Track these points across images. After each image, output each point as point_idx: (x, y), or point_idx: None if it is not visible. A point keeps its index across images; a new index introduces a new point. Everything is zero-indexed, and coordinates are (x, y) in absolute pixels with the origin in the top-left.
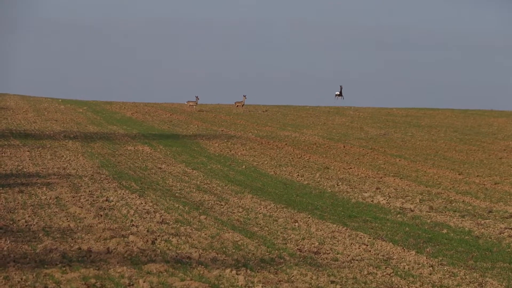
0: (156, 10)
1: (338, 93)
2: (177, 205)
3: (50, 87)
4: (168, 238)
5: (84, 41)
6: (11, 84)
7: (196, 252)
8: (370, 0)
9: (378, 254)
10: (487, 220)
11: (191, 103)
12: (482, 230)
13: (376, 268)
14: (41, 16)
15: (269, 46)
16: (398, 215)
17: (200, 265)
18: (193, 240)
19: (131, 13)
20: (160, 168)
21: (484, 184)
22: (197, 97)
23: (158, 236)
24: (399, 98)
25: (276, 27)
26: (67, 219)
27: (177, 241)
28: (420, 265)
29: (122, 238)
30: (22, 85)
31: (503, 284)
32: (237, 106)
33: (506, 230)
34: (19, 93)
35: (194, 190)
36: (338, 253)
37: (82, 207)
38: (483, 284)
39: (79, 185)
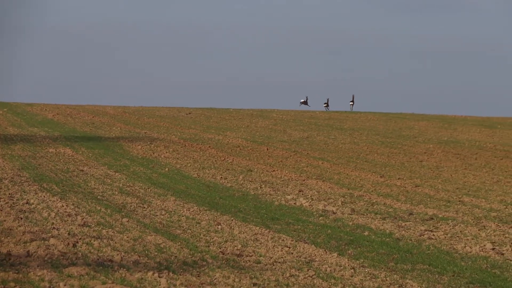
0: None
1: (325, 103)
2: (99, 208)
3: None
4: (90, 241)
5: (11, 42)
6: None
7: (118, 255)
8: (308, 3)
9: (300, 257)
10: (408, 223)
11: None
12: (403, 232)
13: (298, 270)
14: None
15: (195, 50)
16: (321, 218)
17: (122, 268)
18: (115, 243)
19: (70, 16)
20: (82, 170)
21: (405, 187)
22: (307, 97)
23: (80, 239)
24: (321, 101)
25: (207, 33)
26: None
27: (99, 244)
28: (341, 267)
29: (42, 241)
30: None
31: (423, 285)
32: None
33: (426, 232)
34: None
35: (117, 192)
36: (260, 256)
37: (1, 210)
38: (403, 286)
39: None
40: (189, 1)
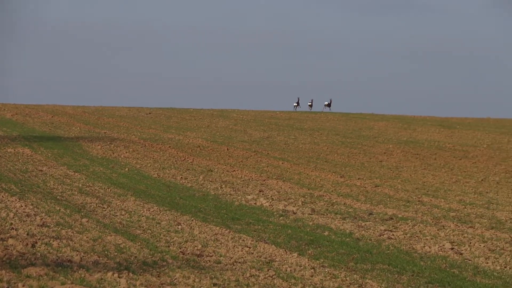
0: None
1: (327, 103)
2: (58, 208)
3: None
4: (49, 241)
5: None
6: None
7: (77, 255)
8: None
9: (260, 257)
10: (368, 222)
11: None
12: (363, 232)
13: (258, 270)
14: None
15: (159, 48)
16: (281, 218)
17: (81, 269)
18: (75, 243)
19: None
20: (41, 170)
21: (365, 187)
22: (298, 98)
23: (39, 239)
24: (282, 101)
25: (168, 32)
26: None
27: (58, 244)
28: (302, 267)
29: (1, 242)
30: None
31: (383, 285)
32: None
33: (385, 232)
34: None
35: (76, 192)
36: (221, 256)
37: None
38: (363, 286)
39: None
40: (149, 1)
